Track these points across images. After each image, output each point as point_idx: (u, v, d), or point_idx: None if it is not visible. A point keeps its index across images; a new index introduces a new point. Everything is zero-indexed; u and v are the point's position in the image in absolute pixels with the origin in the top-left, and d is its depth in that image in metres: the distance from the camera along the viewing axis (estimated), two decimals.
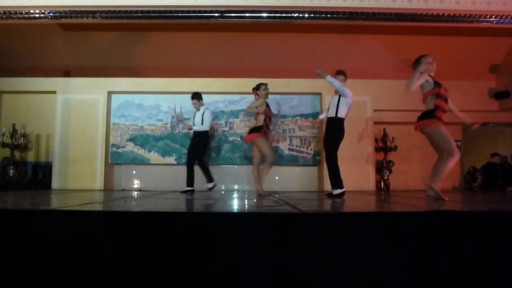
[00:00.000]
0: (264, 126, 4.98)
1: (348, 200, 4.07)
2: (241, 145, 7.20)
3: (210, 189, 6.03)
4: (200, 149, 6.00)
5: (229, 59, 7.43)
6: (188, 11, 5.65)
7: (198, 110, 6.13)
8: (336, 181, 4.58)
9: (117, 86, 7.35)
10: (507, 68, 7.55)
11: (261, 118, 4.99)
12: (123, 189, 7.24)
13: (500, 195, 5.55)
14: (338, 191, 4.52)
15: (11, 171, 6.99)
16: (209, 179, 6.04)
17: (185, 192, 5.81)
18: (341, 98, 4.67)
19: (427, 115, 4.04)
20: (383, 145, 7.36)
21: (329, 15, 5.73)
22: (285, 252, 2.20)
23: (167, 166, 7.36)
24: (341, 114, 4.67)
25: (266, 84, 5.11)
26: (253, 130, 5.01)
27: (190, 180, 5.94)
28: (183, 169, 7.37)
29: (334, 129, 4.70)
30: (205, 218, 2.44)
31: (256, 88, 5.11)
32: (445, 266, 2.21)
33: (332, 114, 4.71)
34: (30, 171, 7.51)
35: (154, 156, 7.30)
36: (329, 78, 4.56)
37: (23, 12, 5.67)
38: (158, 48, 7.40)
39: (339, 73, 4.83)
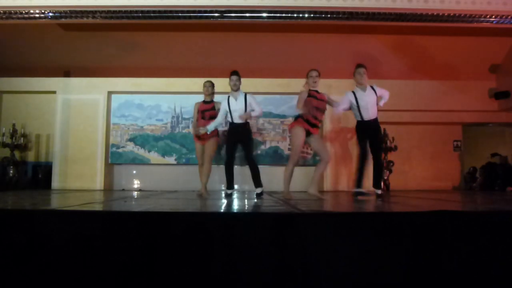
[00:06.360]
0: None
1: (348, 200, 4.07)
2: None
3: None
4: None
5: (229, 59, 7.42)
6: (188, 11, 5.65)
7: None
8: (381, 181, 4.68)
9: (117, 86, 7.35)
10: (507, 68, 7.54)
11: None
12: (123, 189, 7.25)
13: (500, 195, 5.55)
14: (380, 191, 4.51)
15: (11, 171, 7.00)
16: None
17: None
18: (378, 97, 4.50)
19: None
20: (383, 145, 7.36)
21: (329, 15, 5.73)
22: (285, 252, 2.20)
23: (167, 166, 7.36)
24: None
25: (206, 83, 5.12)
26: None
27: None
28: (183, 169, 7.40)
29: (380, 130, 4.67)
30: (205, 218, 2.44)
31: None
32: (445, 266, 2.21)
33: (375, 114, 4.50)
34: (30, 171, 7.52)
35: (154, 156, 7.30)
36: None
37: (23, 12, 5.66)
38: (158, 48, 7.39)
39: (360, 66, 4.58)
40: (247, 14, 5.73)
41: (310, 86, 4.32)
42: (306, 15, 5.77)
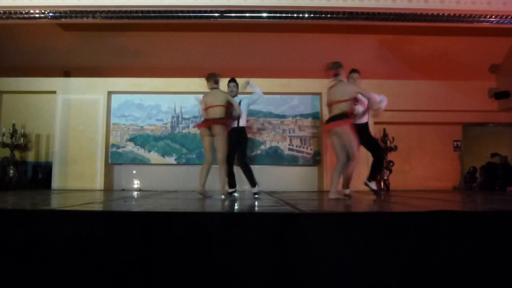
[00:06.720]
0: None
1: (348, 200, 4.07)
2: None
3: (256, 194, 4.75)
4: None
5: (229, 59, 7.42)
6: (188, 11, 5.65)
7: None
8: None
9: (117, 86, 7.35)
10: (507, 68, 7.54)
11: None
12: (123, 189, 7.25)
13: (500, 195, 5.55)
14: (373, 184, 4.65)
15: (11, 171, 6.99)
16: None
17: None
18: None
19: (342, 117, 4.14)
20: (383, 145, 7.36)
21: (329, 15, 5.73)
22: (285, 252, 2.20)
23: (167, 166, 7.36)
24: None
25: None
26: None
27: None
28: (183, 169, 7.41)
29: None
30: (205, 218, 2.43)
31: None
32: (445, 266, 2.21)
33: (366, 119, 4.72)
34: (30, 171, 7.51)
35: (154, 156, 7.31)
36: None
37: (23, 12, 5.66)
38: (158, 48, 7.39)
39: (354, 71, 4.75)
40: (247, 14, 5.73)
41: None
42: (306, 15, 5.77)
